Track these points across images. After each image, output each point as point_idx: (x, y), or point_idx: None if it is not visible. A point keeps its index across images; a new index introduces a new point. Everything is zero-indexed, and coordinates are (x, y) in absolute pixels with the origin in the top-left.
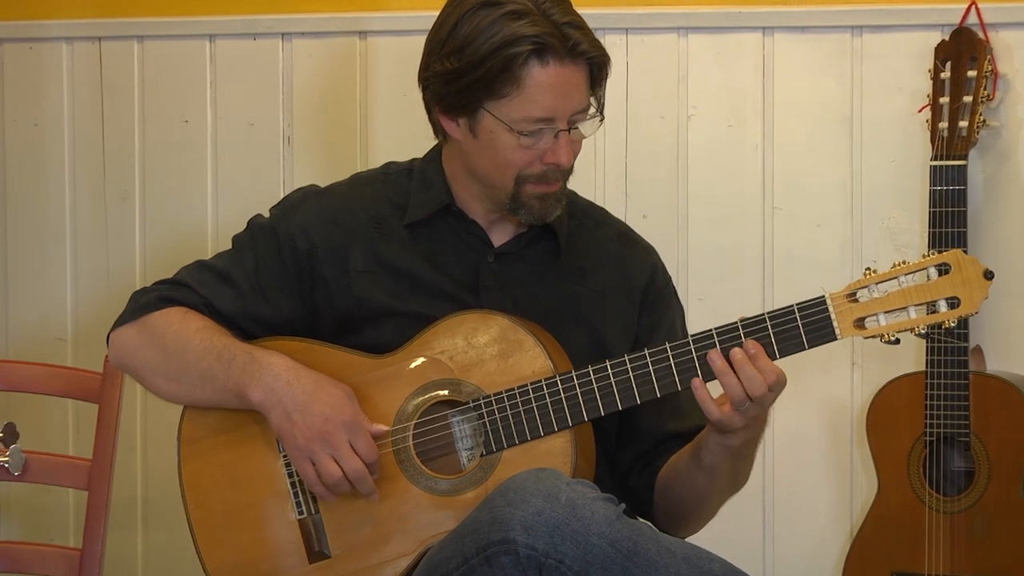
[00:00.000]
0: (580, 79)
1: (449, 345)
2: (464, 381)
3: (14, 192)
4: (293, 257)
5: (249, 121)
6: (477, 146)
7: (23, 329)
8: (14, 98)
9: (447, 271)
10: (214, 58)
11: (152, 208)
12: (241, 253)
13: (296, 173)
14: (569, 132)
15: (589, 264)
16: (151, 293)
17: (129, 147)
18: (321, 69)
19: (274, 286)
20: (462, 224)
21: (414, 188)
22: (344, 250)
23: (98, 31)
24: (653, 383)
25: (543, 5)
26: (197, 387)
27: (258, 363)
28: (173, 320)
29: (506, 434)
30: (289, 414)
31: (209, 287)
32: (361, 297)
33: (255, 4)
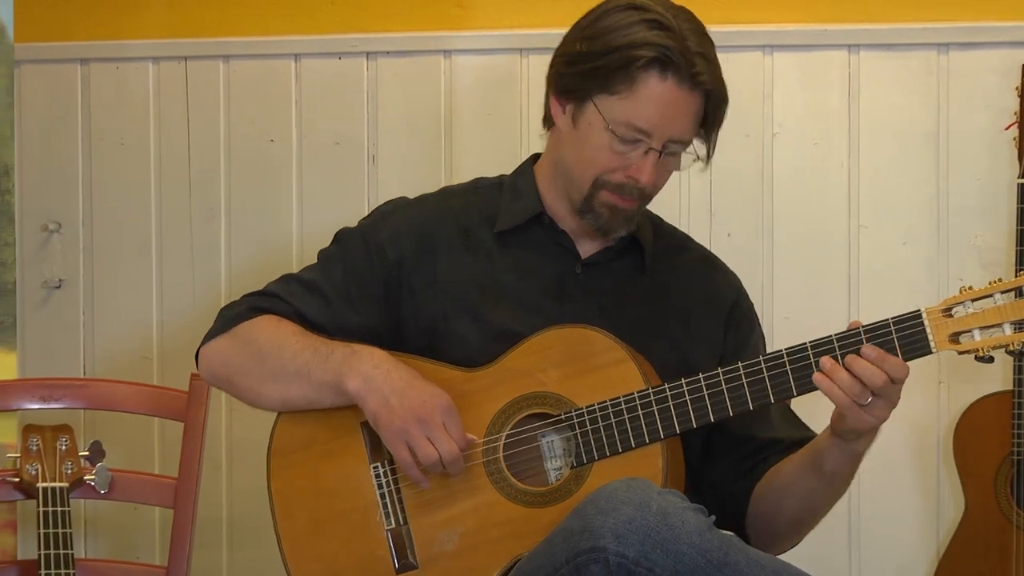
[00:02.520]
0: (691, 108)
1: (541, 359)
2: (555, 394)
3: (101, 211)
4: (382, 266)
5: (334, 140)
6: (573, 137)
7: (109, 348)
8: (101, 117)
9: (534, 280)
10: (299, 77)
11: (238, 227)
12: (329, 264)
13: (380, 191)
14: (661, 155)
15: (674, 282)
16: (241, 305)
17: (215, 166)
18: (406, 88)
19: (362, 295)
20: (551, 234)
21: (505, 198)
22: (432, 262)
23: (184, 51)
24: (747, 396)
25: (683, 28)
26: (293, 384)
27: (357, 354)
28: (267, 325)
29: (597, 447)
30: (386, 398)
31: (298, 297)
32: (447, 309)
33: (340, 23)
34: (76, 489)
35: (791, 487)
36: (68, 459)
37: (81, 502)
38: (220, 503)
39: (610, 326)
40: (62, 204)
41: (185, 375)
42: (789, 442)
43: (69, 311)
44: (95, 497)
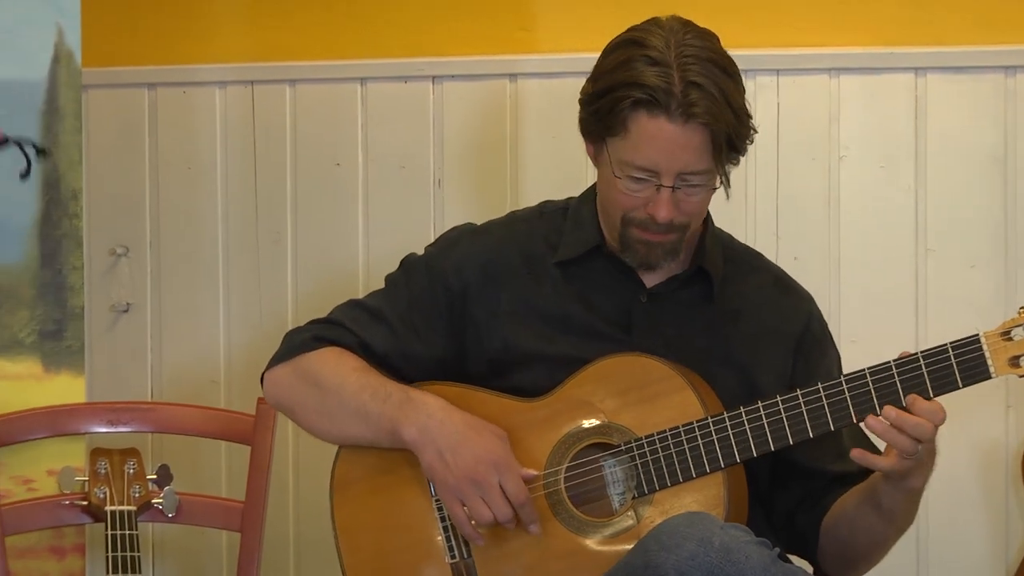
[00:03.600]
0: (693, 141)
1: (600, 388)
2: (616, 424)
3: (168, 235)
4: (446, 295)
5: (400, 163)
6: (599, 176)
7: (177, 371)
8: (168, 142)
9: (599, 311)
10: (365, 101)
11: (304, 250)
12: (394, 291)
13: (447, 215)
14: (674, 190)
15: (743, 308)
16: (305, 333)
17: (281, 190)
18: (471, 111)
19: (427, 324)
20: (614, 264)
21: (567, 227)
22: (496, 291)
23: (251, 75)
24: (806, 424)
25: (683, 59)
26: (351, 424)
27: (413, 402)
28: (328, 359)
29: (658, 476)
30: (441, 453)
31: (362, 325)
32: (510, 339)
33: (406, 47)
34: (144, 512)
35: (855, 522)
36: (136, 482)
37: (149, 525)
38: (287, 526)
39: (676, 355)
40: (130, 228)
41: (252, 398)
42: (856, 474)
43: (137, 335)
44: (163, 521)
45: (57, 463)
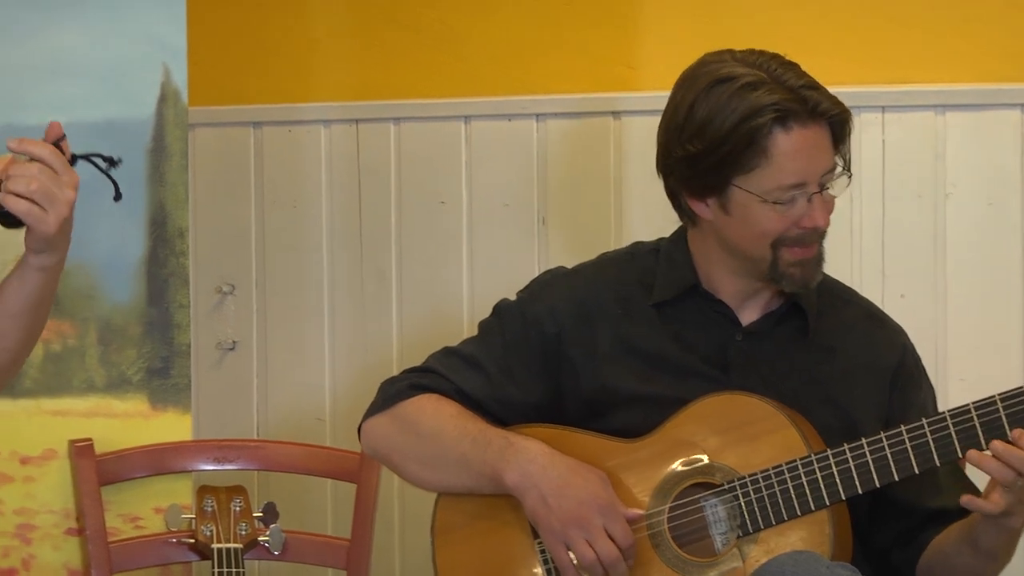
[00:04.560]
0: (824, 140)
1: (701, 427)
2: (718, 463)
3: (273, 273)
4: (541, 340)
5: (504, 201)
6: (731, 222)
7: (282, 409)
8: (274, 180)
9: (695, 350)
10: (469, 139)
11: (408, 287)
12: (489, 337)
13: (551, 253)
14: (821, 193)
15: (838, 344)
16: (401, 382)
17: (386, 227)
18: (575, 149)
19: (522, 369)
20: (709, 303)
21: (660, 268)
22: (591, 333)
23: (355, 114)
24: (911, 460)
25: (775, 72)
26: (452, 472)
27: (513, 447)
28: (426, 407)
29: (762, 515)
30: (544, 498)
31: (458, 372)
32: (608, 381)
33: (510, 86)
34: (250, 550)
35: (952, 560)
36: (242, 520)
37: (255, 563)
38: (393, 564)
39: (773, 392)
40: (236, 266)
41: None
42: (954, 511)
43: (242, 373)
44: (269, 558)
45: (164, 501)
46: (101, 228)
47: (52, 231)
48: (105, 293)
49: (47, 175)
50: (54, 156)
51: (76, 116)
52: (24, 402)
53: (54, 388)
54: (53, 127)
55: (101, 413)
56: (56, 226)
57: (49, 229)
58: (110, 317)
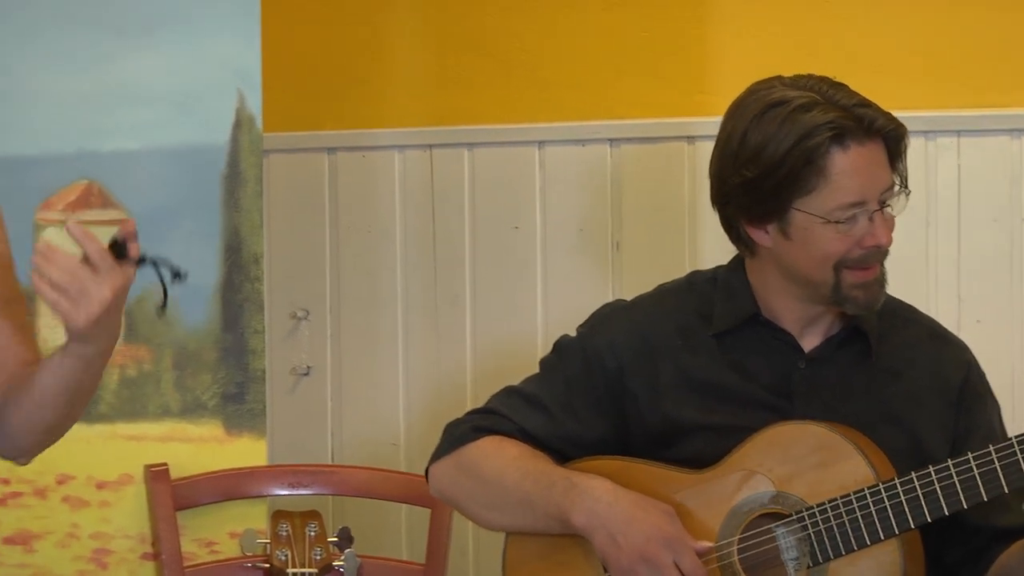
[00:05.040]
0: (881, 156)
1: (768, 457)
2: (786, 493)
3: (348, 298)
4: (602, 375)
5: (578, 226)
6: (791, 247)
7: (356, 434)
8: (348, 205)
9: (758, 379)
10: (543, 164)
11: (482, 312)
12: (550, 375)
13: (624, 278)
14: (881, 211)
15: (901, 364)
16: (464, 424)
17: (459, 253)
18: (649, 174)
19: (585, 405)
20: (771, 331)
21: (719, 298)
22: (652, 366)
23: (429, 139)
24: (979, 488)
25: (827, 93)
26: (518, 515)
27: (577, 488)
28: (489, 449)
29: (831, 545)
30: (612, 536)
31: (520, 412)
32: (671, 412)
33: (584, 111)
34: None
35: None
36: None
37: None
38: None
39: (839, 418)
40: (310, 292)
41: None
42: (1020, 529)
43: (317, 398)
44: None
45: (239, 525)
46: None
47: (79, 327)
48: (180, 318)
49: (85, 271)
50: (100, 255)
51: (152, 142)
52: (100, 427)
53: (129, 413)
54: (127, 224)
55: (176, 438)
56: (84, 324)
57: (76, 325)
58: (185, 342)
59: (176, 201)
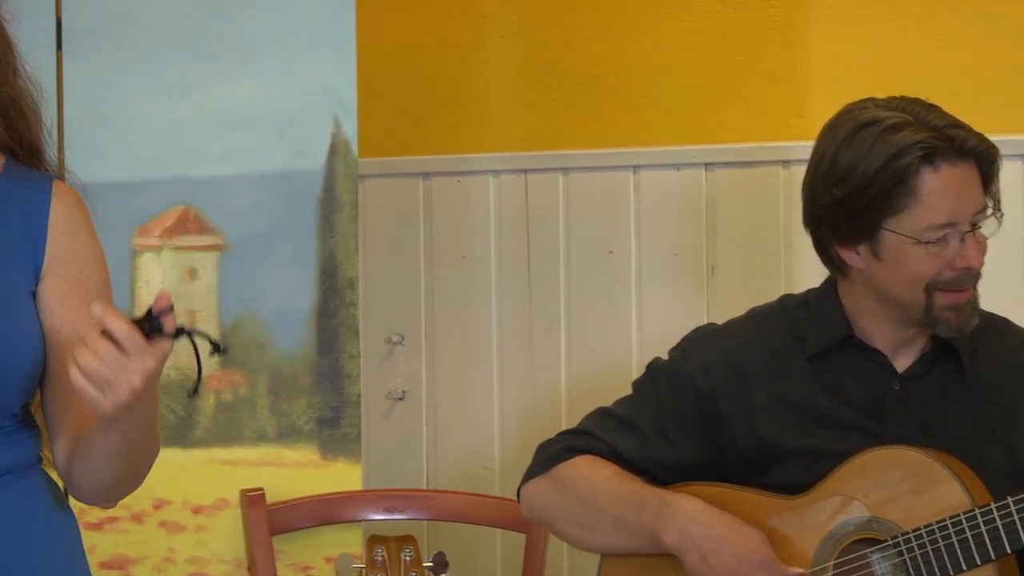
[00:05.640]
0: (972, 177)
1: (862, 483)
2: (881, 519)
3: (443, 322)
4: (695, 398)
5: (673, 251)
6: (882, 268)
7: (451, 458)
8: (442, 231)
9: (851, 402)
10: (638, 188)
11: (577, 337)
12: (642, 397)
13: (719, 303)
14: (973, 232)
15: (997, 379)
16: (557, 444)
17: (554, 277)
18: (744, 198)
19: (677, 429)
20: (863, 354)
21: (811, 320)
22: (745, 389)
23: (524, 164)
24: None
25: (919, 113)
26: (611, 534)
27: (671, 507)
28: (582, 469)
29: (927, 570)
30: (704, 556)
31: (613, 434)
32: (765, 436)
33: (678, 135)
34: None
35: None
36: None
37: None
38: None
39: (934, 440)
40: (405, 316)
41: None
42: None
43: (412, 422)
44: None
45: (334, 550)
46: (272, 279)
47: (106, 413)
48: (276, 343)
49: (113, 357)
50: (129, 339)
51: (248, 168)
52: (196, 452)
53: (225, 438)
54: (161, 298)
55: (272, 463)
56: (111, 410)
57: (103, 411)
58: (280, 367)
59: (272, 226)
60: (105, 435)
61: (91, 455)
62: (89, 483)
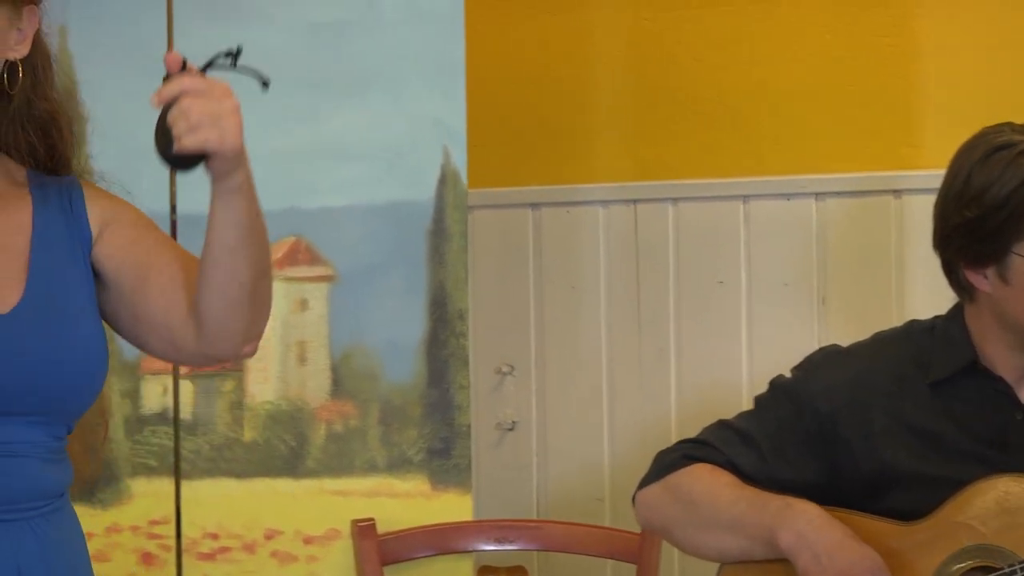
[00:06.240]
0: None
1: (981, 510)
2: (999, 547)
3: (553, 352)
4: (815, 419)
5: (783, 281)
6: (1009, 293)
7: (561, 489)
8: (552, 261)
9: (972, 430)
10: (748, 218)
11: (687, 367)
12: (763, 414)
13: (830, 333)
14: None
15: None
16: (675, 452)
17: (664, 307)
18: (855, 228)
19: (796, 448)
20: (988, 381)
21: (937, 346)
22: (866, 412)
23: (633, 194)
24: None
25: None
26: (725, 536)
27: (792, 508)
28: (701, 474)
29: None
30: (817, 557)
31: (731, 446)
32: (885, 461)
33: (789, 165)
34: None
35: None
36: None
37: None
38: None
39: None
40: (515, 347)
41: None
42: None
43: (522, 452)
44: None
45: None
46: (383, 310)
47: (238, 143)
48: (386, 374)
49: (198, 100)
50: (192, 81)
51: (358, 198)
52: (307, 482)
53: (336, 468)
54: (172, 59)
55: (383, 493)
56: (238, 136)
57: (235, 142)
58: (391, 398)
59: (382, 257)
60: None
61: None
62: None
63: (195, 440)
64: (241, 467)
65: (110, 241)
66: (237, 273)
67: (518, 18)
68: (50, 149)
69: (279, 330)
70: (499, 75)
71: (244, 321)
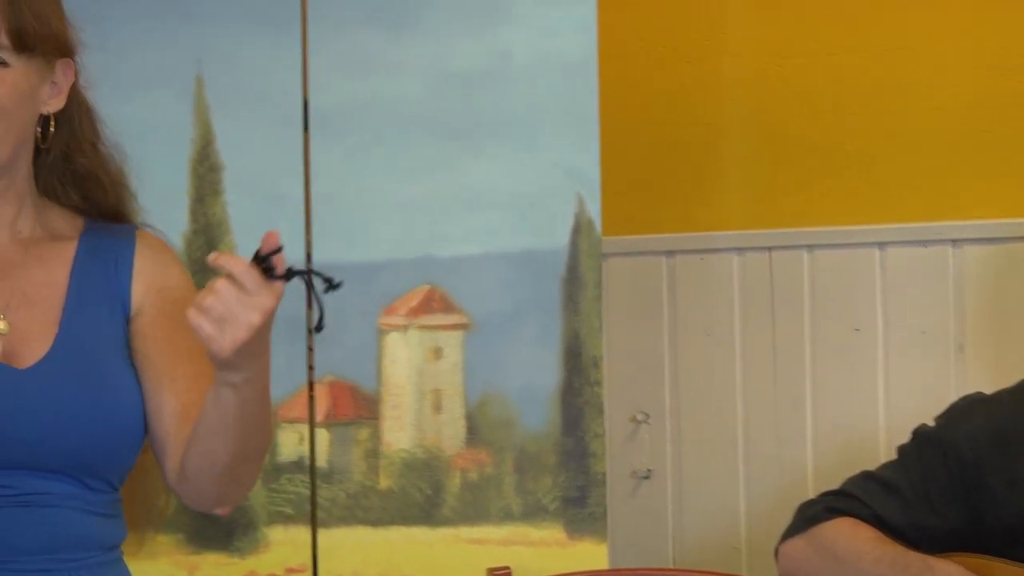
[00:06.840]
0: None
1: None
2: None
3: (687, 401)
4: (959, 467)
5: (920, 329)
6: None
7: (697, 538)
8: (686, 308)
9: None
10: (884, 266)
11: (823, 416)
12: (907, 463)
13: (969, 381)
14: None
15: None
16: (818, 504)
17: (799, 355)
18: (994, 275)
19: (940, 496)
20: None
21: None
22: (1011, 460)
23: (768, 241)
24: None
25: None
26: None
27: (933, 570)
28: (843, 530)
29: None
30: None
31: (875, 497)
32: None
33: (926, 211)
34: None
35: None
36: None
37: None
38: None
39: None
40: (649, 395)
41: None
42: None
43: (657, 501)
44: None
45: None
46: (517, 358)
47: (224, 355)
48: (521, 422)
49: (231, 294)
50: (246, 274)
51: (492, 247)
52: (443, 531)
53: (472, 517)
54: (269, 237)
55: (518, 541)
56: (229, 350)
57: (221, 351)
58: (526, 445)
59: (516, 305)
60: (218, 397)
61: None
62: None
63: (331, 488)
64: (377, 515)
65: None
66: (213, 454)
67: (651, 66)
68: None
69: (414, 378)
70: (632, 122)
71: (217, 491)
